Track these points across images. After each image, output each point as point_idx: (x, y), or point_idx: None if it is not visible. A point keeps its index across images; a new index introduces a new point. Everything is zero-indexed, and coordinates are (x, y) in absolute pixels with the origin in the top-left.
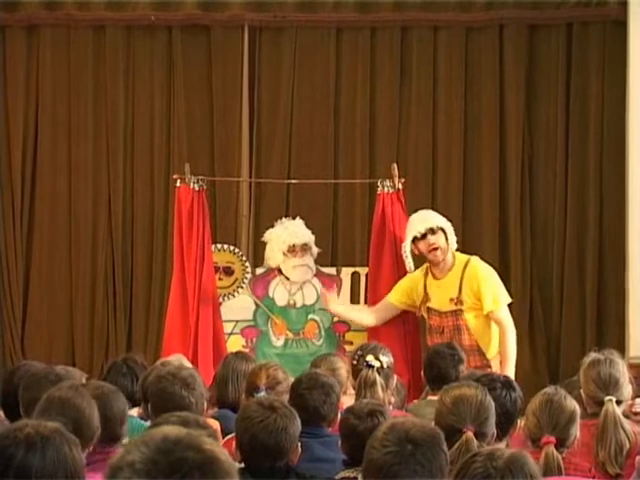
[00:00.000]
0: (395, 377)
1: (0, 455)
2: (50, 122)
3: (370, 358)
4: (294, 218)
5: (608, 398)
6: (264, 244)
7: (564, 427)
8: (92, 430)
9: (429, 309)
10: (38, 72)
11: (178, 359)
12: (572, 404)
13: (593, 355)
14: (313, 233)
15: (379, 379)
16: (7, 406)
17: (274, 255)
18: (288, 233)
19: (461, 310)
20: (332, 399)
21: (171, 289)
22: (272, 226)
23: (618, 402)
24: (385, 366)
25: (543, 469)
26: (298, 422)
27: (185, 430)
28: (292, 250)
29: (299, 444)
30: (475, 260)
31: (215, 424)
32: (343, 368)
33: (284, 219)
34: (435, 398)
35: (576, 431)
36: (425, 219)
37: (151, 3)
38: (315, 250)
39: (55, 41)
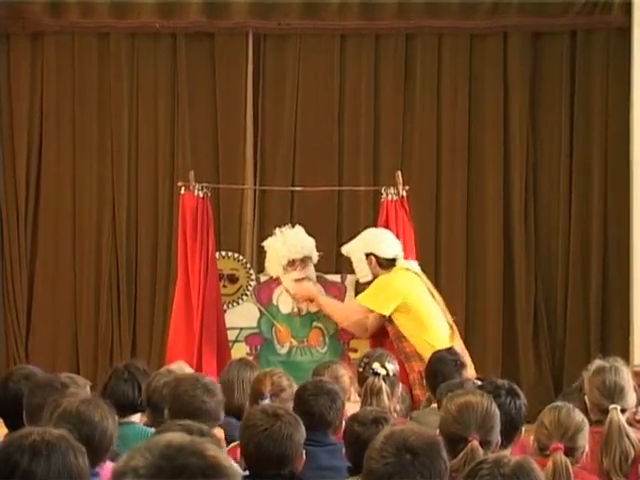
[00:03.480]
0: (400, 385)
1: (5, 462)
2: (54, 129)
3: (376, 366)
4: (294, 226)
5: (613, 406)
6: None
7: (572, 436)
8: (106, 443)
9: None
10: (43, 79)
11: (179, 367)
12: (580, 416)
13: (598, 362)
14: (317, 240)
15: (385, 387)
16: (4, 411)
17: (272, 266)
18: (287, 247)
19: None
20: (337, 405)
21: (175, 296)
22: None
23: (623, 410)
24: (391, 374)
25: (551, 476)
26: (302, 429)
27: (189, 437)
28: (292, 264)
29: (304, 451)
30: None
31: (219, 432)
32: (346, 375)
33: (284, 228)
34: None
35: (585, 443)
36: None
37: (155, 10)
38: (316, 256)
39: (59, 48)
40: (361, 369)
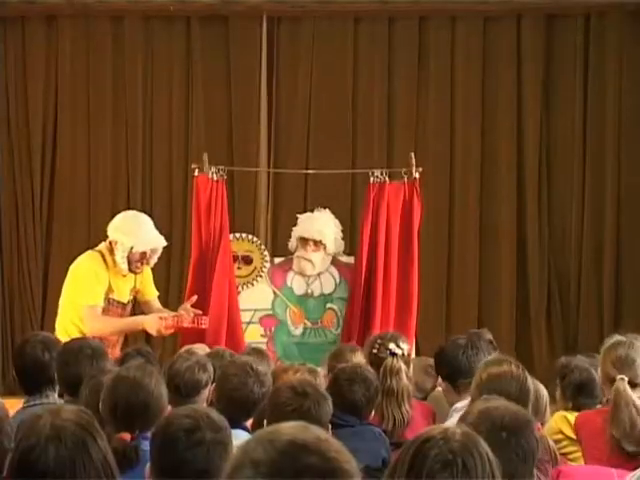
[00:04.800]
0: (411, 365)
1: (20, 450)
2: (69, 113)
3: (393, 346)
4: (313, 208)
5: (620, 377)
6: (282, 233)
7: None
8: (160, 408)
9: None
10: (57, 62)
11: (202, 348)
12: None
13: (616, 337)
14: None
15: (404, 367)
16: (22, 376)
17: (292, 240)
18: (305, 224)
19: None
20: (371, 393)
21: (189, 278)
22: (292, 217)
23: (633, 384)
24: (405, 354)
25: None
26: (330, 406)
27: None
28: (303, 242)
29: (330, 426)
30: None
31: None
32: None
33: (322, 210)
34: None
35: None
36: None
37: None
38: (332, 248)
39: (74, 32)
40: (375, 350)
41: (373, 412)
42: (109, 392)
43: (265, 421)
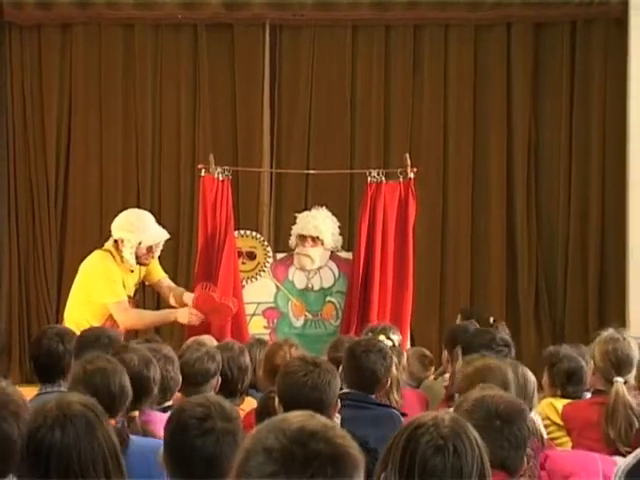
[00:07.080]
0: (405, 355)
1: (31, 436)
2: (82, 116)
3: (382, 338)
4: (312, 207)
5: (618, 379)
6: (284, 230)
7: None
8: (124, 398)
9: None
10: (71, 68)
11: (209, 339)
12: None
13: (610, 331)
14: None
15: (393, 358)
16: (39, 367)
17: (292, 238)
18: (302, 222)
19: None
20: (387, 363)
21: (195, 275)
22: (293, 215)
23: (625, 382)
24: (396, 344)
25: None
26: (338, 378)
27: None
28: (301, 238)
29: (339, 400)
30: None
31: (252, 401)
32: None
33: (319, 208)
34: None
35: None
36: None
37: (178, 2)
38: (330, 243)
39: (87, 39)
40: None
41: None
42: (82, 383)
43: (277, 397)
